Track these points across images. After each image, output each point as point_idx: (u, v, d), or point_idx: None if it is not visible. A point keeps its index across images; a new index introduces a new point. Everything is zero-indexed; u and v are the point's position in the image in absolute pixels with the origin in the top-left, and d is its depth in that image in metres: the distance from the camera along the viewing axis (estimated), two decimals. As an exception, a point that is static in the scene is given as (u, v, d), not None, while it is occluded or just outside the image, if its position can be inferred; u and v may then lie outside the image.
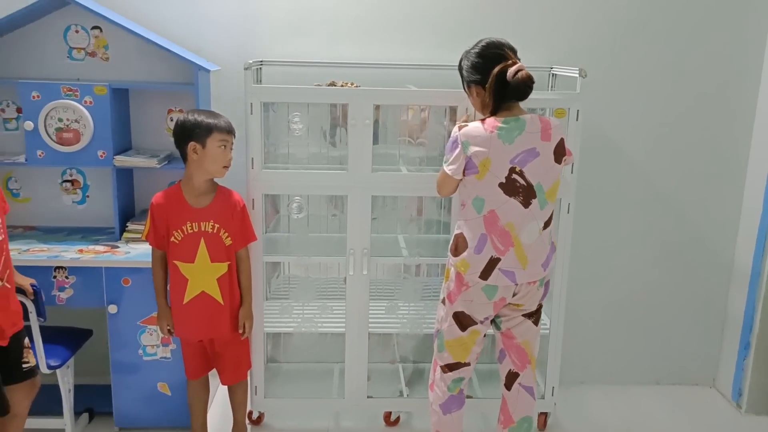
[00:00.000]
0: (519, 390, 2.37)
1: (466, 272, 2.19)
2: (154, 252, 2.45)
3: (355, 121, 2.52)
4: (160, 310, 2.48)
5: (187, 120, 2.36)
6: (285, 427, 2.81)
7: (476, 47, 2.20)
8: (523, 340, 2.33)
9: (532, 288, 2.23)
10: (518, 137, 2.11)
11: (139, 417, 2.72)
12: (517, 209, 2.14)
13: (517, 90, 2.11)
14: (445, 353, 2.33)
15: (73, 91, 2.63)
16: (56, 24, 2.77)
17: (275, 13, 2.89)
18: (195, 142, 2.33)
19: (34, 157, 2.67)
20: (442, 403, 2.37)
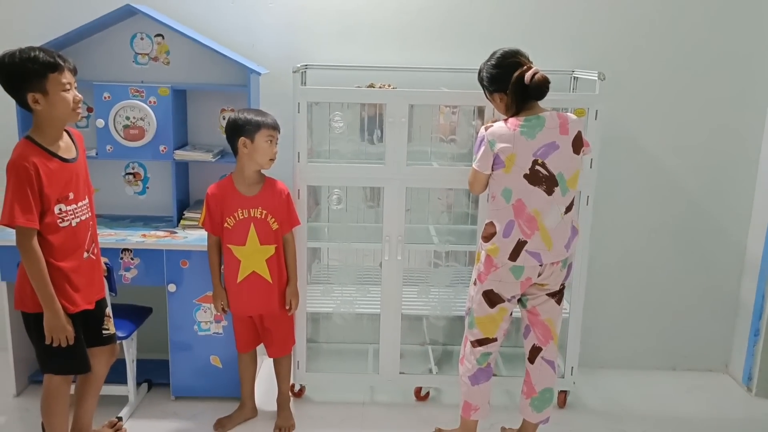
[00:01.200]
0: (542, 363, 2.59)
1: (496, 256, 2.42)
2: (210, 237, 2.73)
3: (392, 119, 2.77)
4: (216, 289, 2.75)
5: (238, 118, 2.63)
6: (324, 399, 3.06)
7: (492, 59, 2.45)
8: (546, 317, 2.55)
9: (555, 268, 2.45)
10: (539, 133, 2.35)
11: (193, 387, 2.99)
12: (541, 197, 2.37)
13: (535, 90, 2.35)
14: (475, 329, 2.55)
15: (140, 92, 2.93)
16: (124, 32, 3.08)
17: (320, 22, 3.15)
18: (245, 138, 2.60)
19: (104, 151, 2.98)
20: (471, 375, 2.59)
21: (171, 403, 2.98)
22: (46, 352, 2.30)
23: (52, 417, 2.40)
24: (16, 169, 2.13)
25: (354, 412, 2.97)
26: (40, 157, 2.18)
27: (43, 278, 2.17)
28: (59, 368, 2.36)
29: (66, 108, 2.19)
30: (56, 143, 2.24)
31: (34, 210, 2.14)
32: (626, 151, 3.26)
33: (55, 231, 2.22)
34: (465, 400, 2.63)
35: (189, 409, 2.94)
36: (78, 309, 2.30)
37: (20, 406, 2.92)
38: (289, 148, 3.14)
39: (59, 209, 2.22)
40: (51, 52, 2.18)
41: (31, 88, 2.14)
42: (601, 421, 2.96)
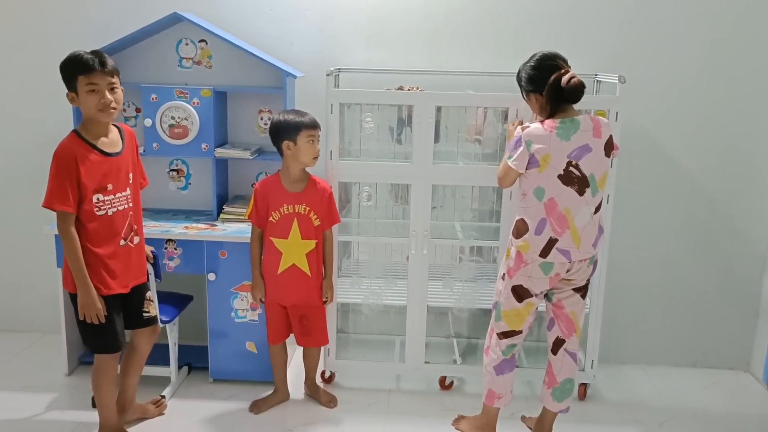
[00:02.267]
0: (564, 355, 2.68)
1: (527, 252, 2.51)
2: (254, 230, 2.89)
3: (419, 120, 2.92)
4: (255, 280, 2.92)
5: (279, 121, 2.78)
6: (352, 386, 3.22)
7: (531, 60, 2.53)
8: (571, 310, 2.65)
9: (582, 265, 2.55)
10: (574, 135, 2.44)
11: (229, 371, 3.17)
12: (573, 197, 2.46)
13: (571, 94, 2.44)
14: (502, 322, 2.65)
15: (184, 93, 3.13)
16: (170, 38, 3.29)
17: (352, 28, 3.32)
18: (288, 141, 2.76)
19: (150, 148, 3.19)
20: (496, 365, 2.68)
21: (209, 385, 3.17)
22: (83, 330, 2.51)
23: (100, 390, 2.61)
24: (57, 158, 2.36)
25: (380, 398, 3.11)
26: (82, 149, 2.38)
27: (77, 260, 2.37)
28: (97, 346, 2.56)
29: (89, 107, 2.37)
30: (99, 138, 2.44)
31: (70, 196, 2.34)
32: (646, 151, 3.35)
33: (92, 218, 2.41)
34: (489, 388, 2.73)
35: (226, 391, 3.12)
36: (111, 292, 2.48)
37: (71, 384, 3.15)
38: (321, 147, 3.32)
39: (97, 198, 2.41)
40: (92, 56, 2.36)
41: (68, 87, 2.40)
42: (619, 414, 3.05)
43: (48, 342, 3.54)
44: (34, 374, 3.22)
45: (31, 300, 3.66)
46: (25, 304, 3.67)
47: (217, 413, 2.95)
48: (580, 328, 2.71)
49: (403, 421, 2.94)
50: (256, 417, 2.93)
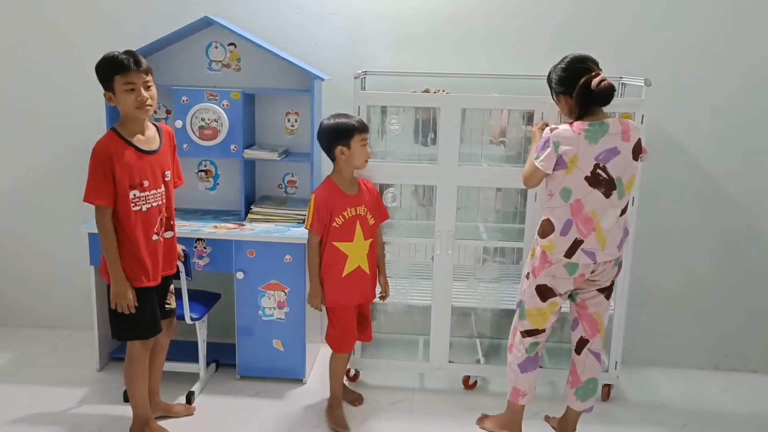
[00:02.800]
0: (587, 354, 2.71)
1: (552, 252, 2.54)
2: (313, 238, 2.82)
3: (445, 122, 2.96)
4: (315, 288, 2.85)
5: (331, 126, 2.78)
6: (377, 384, 3.26)
7: (562, 62, 2.54)
8: (595, 311, 2.67)
9: (607, 266, 2.57)
10: (602, 138, 2.45)
11: (256, 368, 3.23)
12: (600, 199, 2.48)
13: (600, 97, 2.44)
14: (526, 321, 2.68)
15: (214, 96, 3.20)
16: (200, 42, 3.37)
17: (378, 32, 3.37)
18: (341, 145, 2.77)
19: (181, 149, 3.22)
20: (520, 363, 2.72)
21: (236, 382, 3.23)
22: (112, 318, 2.60)
23: (132, 380, 2.67)
24: (95, 155, 2.45)
25: (405, 396, 3.16)
26: (118, 146, 2.47)
27: (112, 252, 2.47)
28: (128, 333, 2.64)
29: (127, 106, 2.46)
30: (135, 135, 2.52)
31: (106, 191, 2.44)
32: (670, 154, 3.36)
33: (129, 213, 2.49)
34: (513, 386, 2.76)
35: (253, 387, 3.18)
36: (141, 284, 2.56)
37: (102, 379, 3.23)
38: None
39: (134, 194, 2.49)
40: (127, 56, 2.45)
41: (105, 87, 2.48)
42: (642, 415, 3.06)
43: (79, 338, 3.63)
44: (66, 369, 3.31)
45: (64, 297, 3.75)
46: (58, 301, 3.76)
47: (244, 409, 3.01)
48: (604, 329, 2.73)
49: (427, 419, 2.98)
50: (282, 414, 2.99)
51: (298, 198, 3.51)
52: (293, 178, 3.51)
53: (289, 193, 3.54)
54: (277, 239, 3.08)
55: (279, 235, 3.09)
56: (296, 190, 3.53)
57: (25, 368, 3.32)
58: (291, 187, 3.53)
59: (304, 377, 3.24)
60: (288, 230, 3.16)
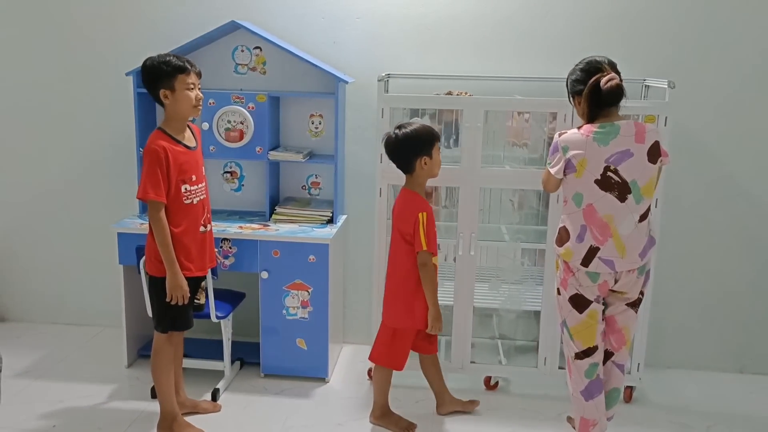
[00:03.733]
0: (612, 366, 2.65)
1: (570, 260, 2.49)
2: (431, 259, 2.74)
3: (468, 124, 2.98)
4: (438, 311, 2.76)
5: (410, 136, 2.70)
6: (399, 383, 3.26)
7: (580, 63, 2.53)
8: (623, 326, 2.60)
9: (632, 276, 2.49)
10: (613, 140, 2.41)
11: (280, 366, 3.28)
12: (614, 203, 2.42)
13: (608, 96, 2.41)
14: (575, 341, 2.55)
15: (240, 98, 3.26)
16: (227, 45, 3.43)
17: (402, 35, 3.40)
18: (425, 155, 2.70)
19: (207, 151, 3.32)
20: (582, 390, 2.56)
21: (260, 380, 3.28)
22: (161, 311, 2.69)
23: (159, 372, 2.74)
24: (149, 152, 2.54)
25: (427, 395, 3.16)
26: (168, 143, 2.58)
27: (167, 245, 2.56)
28: (169, 325, 2.72)
29: (188, 104, 2.60)
30: (181, 133, 2.65)
31: (162, 187, 2.54)
32: (694, 156, 3.35)
33: (179, 206, 2.61)
34: (581, 416, 2.60)
35: (276, 385, 3.23)
36: (191, 274, 2.67)
37: (131, 376, 3.30)
38: (372, 150, 3.42)
39: (185, 189, 2.62)
40: (181, 58, 2.62)
41: (163, 86, 2.57)
42: (666, 417, 3.05)
43: (108, 335, 3.71)
44: (96, 365, 3.39)
45: (93, 295, 3.83)
46: (88, 299, 3.85)
47: (269, 406, 3.05)
48: (631, 341, 2.68)
49: (449, 418, 3.00)
50: (307, 411, 3.03)
51: (321, 199, 3.56)
52: (317, 179, 3.56)
53: (313, 194, 3.59)
54: (301, 239, 3.13)
55: (303, 236, 3.14)
56: (320, 192, 3.58)
57: (56, 365, 3.40)
58: (315, 188, 3.58)
59: (327, 376, 3.28)
60: (312, 231, 3.21)
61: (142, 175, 2.57)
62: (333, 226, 3.31)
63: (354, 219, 3.57)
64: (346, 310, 3.68)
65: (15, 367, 3.28)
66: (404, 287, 2.79)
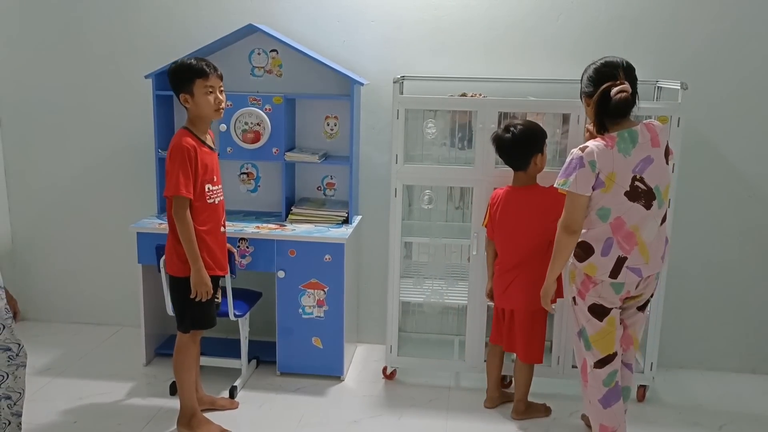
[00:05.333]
0: (621, 366, 2.63)
1: (594, 273, 2.43)
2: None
3: (482, 126, 3.02)
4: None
5: (533, 132, 2.81)
6: (413, 382, 3.33)
7: (595, 63, 2.50)
8: (633, 329, 2.63)
9: (650, 280, 2.51)
10: (634, 149, 2.37)
11: (296, 365, 3.32)
12: (641, 212, 2.39)
13: (616, 108, 2.37)
14: (594, 350, 2.53)
15: (257, 100, 3.31)
16: (244, 48, 3.48)
17: (416, 38, 3.44)
18: (538, 153, 2.82)
19: (224, 152, 3.37)
20: (601, 398, 2.54)
21: (276, 378, 3.32)
22: (184, 310, 2.73)
23: (181, 370, 2.79)
24: (180, 149, 2.59)
25: (441, 394, 3.21)
26: (196, 142, 2.64)
27: (192, 241, 2.61)
28: (193, 323, 2.76)
29: (208, 108, 2.65)
30: (205, 135, 2.71)
31: (190, 184, 2.59)
32: (706, 157, 3.37)
33: (203, 205, 2.66)
34: (600, 423, 2.58)
35: (293, 384, 3.27)
36: (213, 273, 2.72)
37: (149, 374, 3.35)
38: (386, 151, 3.46)
39: (208, 188, 2.67)
40: (202, 62, 2.66)
41: (183, 90, 2.62)
42: (678, 416, 3.08)
43: (126, 334, 3.77)
44: (114, 364, 3.44)
45: (111, 295, 3.89)
46: (106, 299, 3.90)
47: (285, 404, 3.10)
48: (638, 341, 2.70)
49: (463, 416, 3.03)
50: (322, 408, 3.07)
51: (336, 200, 3.60)
52: (332, 180, 3.60)
53: (328, 195, 3.63)
54: (317, 239, 3.17)
55: (319, 235, 3.19)
56: (334, 192, 3.62)
57: (76, 362, 3.46)
58: (330, 189, 3.62)
59: (342, 374, 3.32)
60: (328, 231, 3.26)
61: (170, 172, 2.59)
62: (348, 226, 3.35)
63: (367, 219, 3.62)
64: (360, 309, 3.72)
65: (35, 365, 3.33)
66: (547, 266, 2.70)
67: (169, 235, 2.72)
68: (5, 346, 2.43)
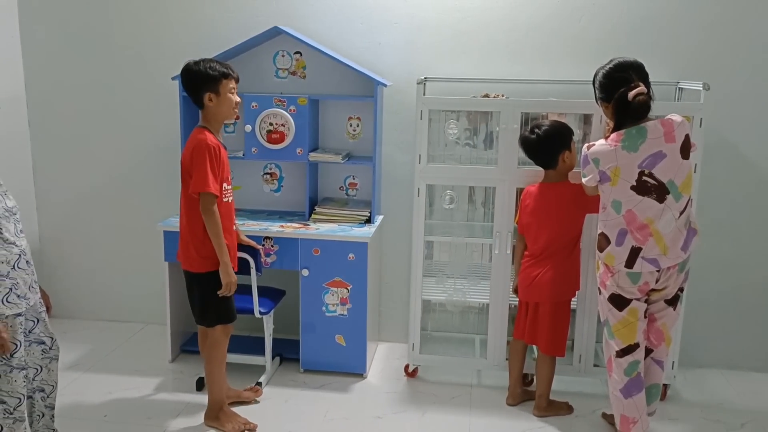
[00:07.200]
0: (651, 363, 2.71)
1: (612, 263, 2.54)
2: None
3: (505, 126, 3.06)
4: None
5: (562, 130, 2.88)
6: (435, 380, 3.36)
7: (605, 68, 2.57)
8: (662, 323, 2.67)
9: (672, 272, 2.54)
10: (642, 145, 2.44)
11: (319, 362, 3.36)
12: (653, 205, 2.46)
13: (635, 111, 2.45)
14: (615, 339, 2.61)
15: (282, 102, 3.36)
16: (268, 50, 3.54)
17: (438, 39, 3.48)
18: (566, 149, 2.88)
19: (249, 152, 3.43)
20: (622, 388, 2.61)
21: (300, 375, 3.36)
22: (208, 306, 2.78)
23: (214, 364, 2.84)
24: (206, 147, 2.64)
25: (463, 392, 3.25)
26: (217, 141, 2.70)
27: (221, 236, 2.67)
28: (219, 318, 2.81)
29: (230, 107, 2.72)
30: (219, 135, 2.76)
31: (218, 181, 2.65)
32: (728, 158, 3.39)
33: (221, 204, 2.71)
34: (621, 413, 2.64)
35: (316, 381, 3.31)
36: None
37: (175, 370, 3.41)
38: (408, 151, 3.51)
39: (225, 187, 2.73)
40: (223, 63, 2.73)
41: (208, 89, 2.67)
42: (700, 414, 3.09)
43: (151, 331, 3.84)
44: (141, 360, 3.50)
45: (137, 292, 3.95)
46: (132, 297, 3.97)
47: (309, 400, 3.14)
48: (670, 338, 2.72)
49: (486, 413, 3.06)
50: (346, 404, 3.11)
51: (358, 199, 3.65)
52: (354, 180, 3.65)
53: (350, 195, 3.68)
54: (341, 238, 3.22)
55: (343, 234, 3.23)
56: (357, 192, 3.67)
57: (103, 358, 3.52)
58: (352, 189, 3.67)
59: (365, 372, 3.36)
60: (351, 230, 3.30)
61: (199, 169, 2.63)
62: (371, 225, 3.39)
63: (388, 219, 3.66)
64: (381, 308, 3.76)
65: (64, 360, 3.34)
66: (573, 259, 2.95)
67: (184, 232, 2.76)
68: (40, 339, 2.49)
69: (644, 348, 2.64)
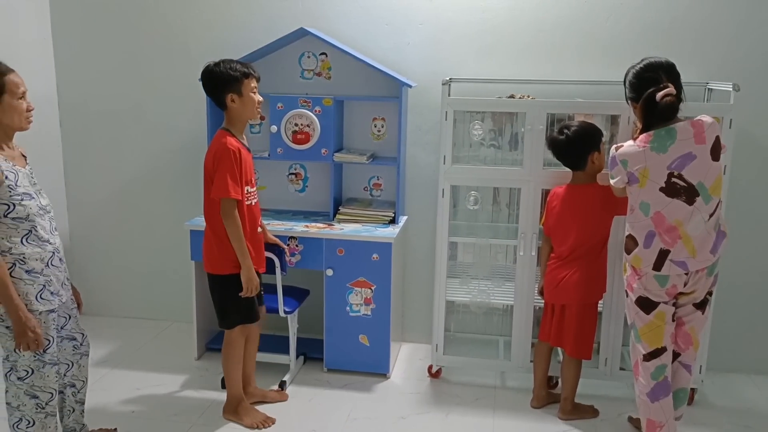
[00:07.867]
0: (678, 367, 2.68)
1: (640, 266, 2.52)
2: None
3: (530, 127, 3.04)
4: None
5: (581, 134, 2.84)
6: (459, 381, 3.36)
7: (635, 67, 2.54)
8: (690, 326, 2.63)
9: (701, 275, 2.50)
10: (671, 146, 2.41)
11: (343, 362, 3.38)
12: (682, 208, 2.43)
13: (663, 112, 2.42)
14: (642, 343, 2.59)
15: (307, 102, 3.39)
16: (294, 52, 3.57)
17: (463, 40, 3.48)
18: (595, 151, 2.85)
19: (275, 153, 3.46)
20: (648, 392, 2.59)
21: (324, 374, 3.38)
22: (228, 307, 2.81)
23: (229, 363, 2.88)
24: (228, 152, 2.66)
25: (487, 393, 3.24)
26: (239, 144, 2.71)
27: (242, 240, 2.69)
28: (238, 319, 2.84)
29: (253, 106, 2.73)
30: (242, 135, 2.78)
31: (239, 186, 2.67)
32: (759, 159, 3.34)
33: (243, 207, 2.73)
34: (647, 418, 2.62)
35: (340, 380, 3.33)
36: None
37: (200, 367, 3.45)
38: (432, 152, 3.51)
39: (247, 190, 2.75)
40: (244, 63, 2.76)
41: (230, 89, 2.69)
42: (727, 418, 3.05)
43: (177, 329, 3.89)
44: (167, 357, 3.55)
45: (163, 291, 4.01)
46: (159, 295, 4.03)
47: (333, 399, 3.16)
48: (699, 342, 2.68)
49: (510, 415, 3.05)
50: (370, 404, 3.12)
51: (382, 200, 3.66)
52: (379, 181, 3.66)
53: (374, 195, 3.69)
54: (365, 238, 3.23)
55: (367, 234, 3.24)
56: (381, 193, 3.68)
57: (131, 355, 3.58)
58: (376, 189, 3.68)
59: (389, 372, 3.37)
60: (375, 230, 3.31)
61: (220, 174, 2.64)
62: (395, 226, 3.40)
63: (412, 220, 3.66)
64: (405, 309, 3.77)
65: (92, 357, 3.37)
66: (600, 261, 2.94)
67: (208, 234, 2.79)
68: (71, 335, 2.55)
69: (672, 352, 2.61)
